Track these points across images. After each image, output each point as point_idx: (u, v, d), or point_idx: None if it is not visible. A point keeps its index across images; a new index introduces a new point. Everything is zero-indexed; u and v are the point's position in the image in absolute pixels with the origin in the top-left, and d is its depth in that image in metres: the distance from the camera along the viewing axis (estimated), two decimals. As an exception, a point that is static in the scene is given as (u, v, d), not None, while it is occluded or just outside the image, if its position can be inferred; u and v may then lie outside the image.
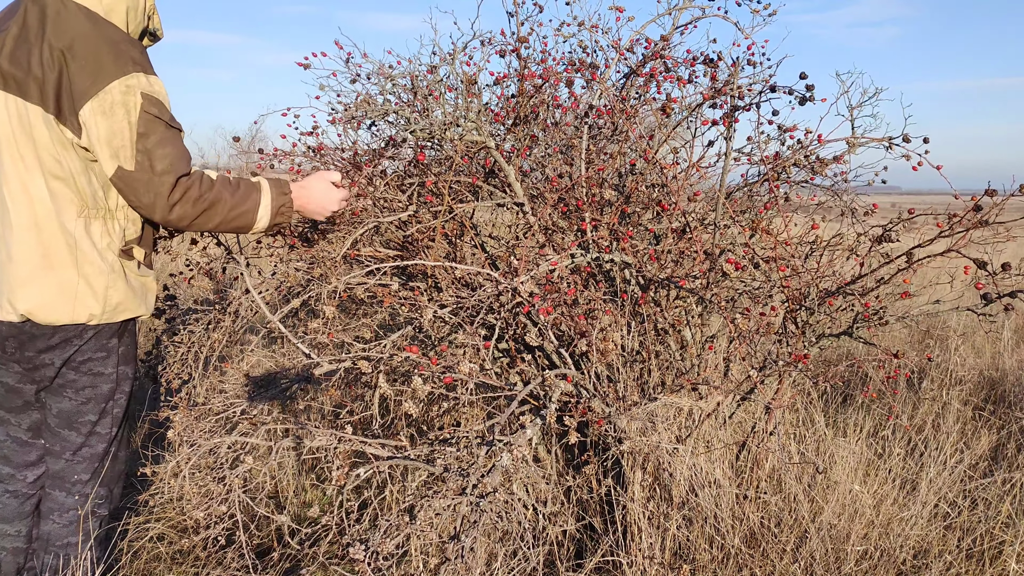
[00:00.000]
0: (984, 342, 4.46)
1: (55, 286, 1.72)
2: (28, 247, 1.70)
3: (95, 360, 1.84)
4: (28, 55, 1.66)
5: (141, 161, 1.68)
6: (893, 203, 3.83)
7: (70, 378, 1.83)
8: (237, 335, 2.76)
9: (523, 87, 2.50)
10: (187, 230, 1.93)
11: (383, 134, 2.65)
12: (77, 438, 1.87)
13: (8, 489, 1.92)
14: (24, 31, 1.68)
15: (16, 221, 1.70)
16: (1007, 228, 1.91)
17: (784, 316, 2.22)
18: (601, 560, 2.17)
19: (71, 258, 1.73)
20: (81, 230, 1.74)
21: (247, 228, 1.87)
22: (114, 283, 1.79)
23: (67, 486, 1.89)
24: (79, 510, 1.89)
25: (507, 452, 1.80)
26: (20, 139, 1.68)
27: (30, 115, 1.67)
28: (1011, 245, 2.20)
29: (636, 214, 2.52)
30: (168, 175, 1.70)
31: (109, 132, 1.66)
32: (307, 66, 2.45)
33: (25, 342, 1.77)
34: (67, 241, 1.72)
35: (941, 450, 2.58)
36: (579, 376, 2.15)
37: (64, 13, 1.68)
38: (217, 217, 1.79)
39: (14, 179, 1.69)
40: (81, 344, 1.80)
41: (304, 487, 2.83)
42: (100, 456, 1.91)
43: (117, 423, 1.93)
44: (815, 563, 2.07)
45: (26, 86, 1.66)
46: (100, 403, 1.87)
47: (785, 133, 2.45)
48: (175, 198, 1.72)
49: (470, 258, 2.50)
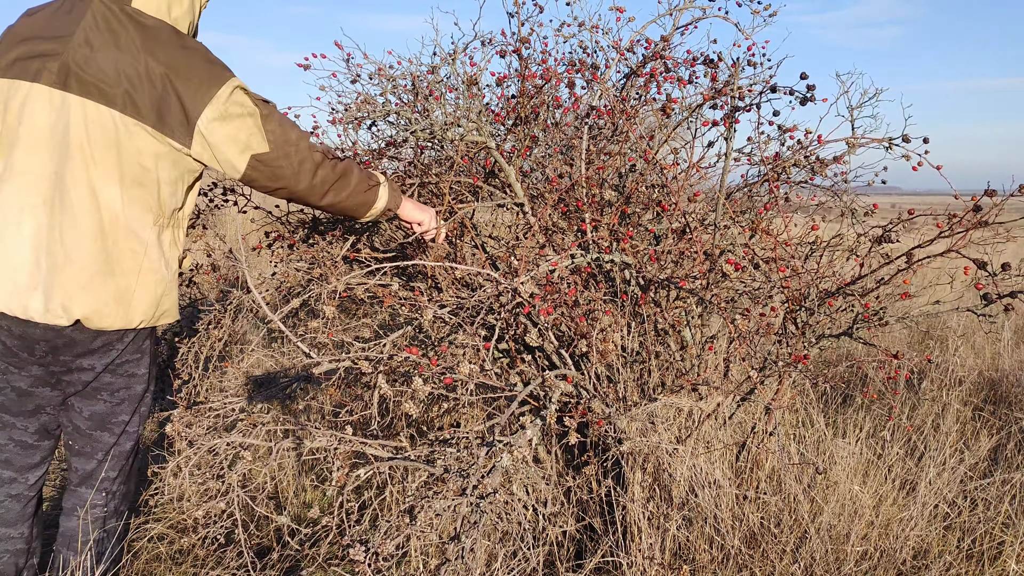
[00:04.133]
0: (984, 342, 4.46)
1: (113, 292, 1.72)
2: (90, 252, 1.68)
3: (131, 362, 1.85)
4: (116, 63, 1.65)
5: (273, 139, 1.77)
6: (893, 203, 3.83)
7: (106, 381, 1.83)
8: (237, 335, 2.76)
9: (524, 87, 2.50)
10: (315, 203, 1.94)
11: (383, 134, 2.65)
12: (110, 438, 1.89)
13: (11, 493, 1.90)
14: (110, 37, 1.67)
15: (81, 226, 1.67)
16: (1007, 228, 1.91)
17: (784, 317, 2.22)
18: (601, 560, 2.17)
19: (135, 265, 1.73)
20: (154, 238, 1.76)
21: (367, 206, 1.98)
22: (169, 291, 1.82)
23: (95, 483, 1.90)
24: (105, 507, 1.92)
25: (507, 453, 1.81)
26: (99, 146, 1.66)
27: (116, 123, 1.66)
28: (1011, 245, 2.20)
29: (636, 214, 2.52)
30: (303, 139, 1.81)
31: (232, 132, 1.73)
32: (307, 67, 2.45)
33: (60, 347, 1.74)
34: (134, 248, 1.73)
35: (941, 450, 2.58)
36: (579, 377, 2.15)
37: (152, 27, 1.71)
38: (349, 187, 1.90)
39: (83, 184, 1.67)
40: (123, 348, 1.81)
41: (304, 487, 2.83)
42: (128, 454, 1.95)
43: (143, 420, 1.97)
44: (815, 563, 2.07)
45: (112, 94, 1.65)
46: (133, 403, 1.90)
47: (785, 133, 2.45)
48: (318, 159, 1.82)
49: (470, 258, 2.51)
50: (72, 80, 1.65)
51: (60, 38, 1.67)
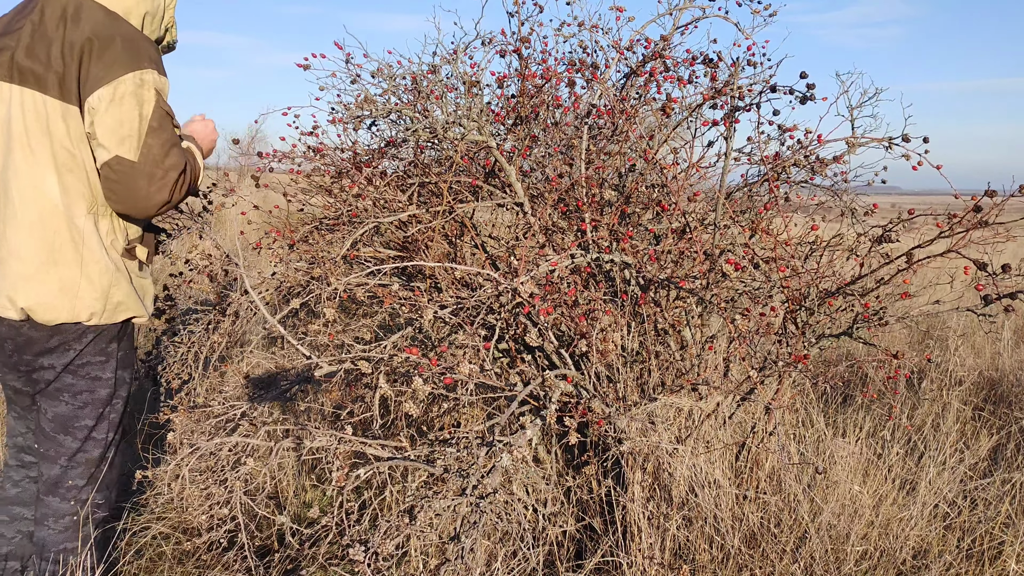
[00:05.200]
0: (984, 342, 4.46)
1: (57, 283, 1.72)
2: (33, 243, 1.70)
3: (94, 364, 1.83)
4: (48, 49, 1.67)
5: (146, 155, 1.71)
6: (893, 203, 3.83)
7: (68, 382, 1.81)
8: (237, 336, 2.76)
9: (524, 87, 2.50)
10: None
11: (383, 134, 2.65)
12: (73, 443, 1.85)
13: (30, 475, 1.97)
14: (42, 27, 1.69)
15: (22, 217, 1.70)
16: (1007, 228, 1.91)
17: (784, 316, 2.22)
18: (601, 560, 2.17)
19: (76, 255, 1.73)
20: (90, 226, 1.74)
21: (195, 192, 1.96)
22: (117, 282, 1.80)
23: (62, 491, 1.86)
24: (75, 516, 1.87)
25: (507, 453, 1.80)
26: (34, 134, 1.68)
27: (48, 109, 1.67)
28: (1011, 245, 2.20)
29: (636, 214, 2.52)
30: (174, 170, 1.75)
31: (117, 120, 1.68)
32: (307, 67, 2.44)
33: (23, 345, 1.76)
34: (73, 237, 1.72)
35: (941, 450, 2.58)
36: (579, 376, 2.15)
37: (83, 9, 1.70)
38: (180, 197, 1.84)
39: (24, 175, 1.69)
40: (81, 348, 1.79)
41: (304, 488, 2.83)
42: (96, 461, 1.89)
43: (114, 428, 1.91)
44: (815, 563, 2.07)
45: (45, 80, 1.67)
46: (98, 408, 1.86)
47: (785, 133, 2.45)
48: (171, 197, 1.76)
49: (470, 258, 2.50)
50: (15, 71, 1.69)
51: (13, 33, 1.71)
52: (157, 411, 2.56)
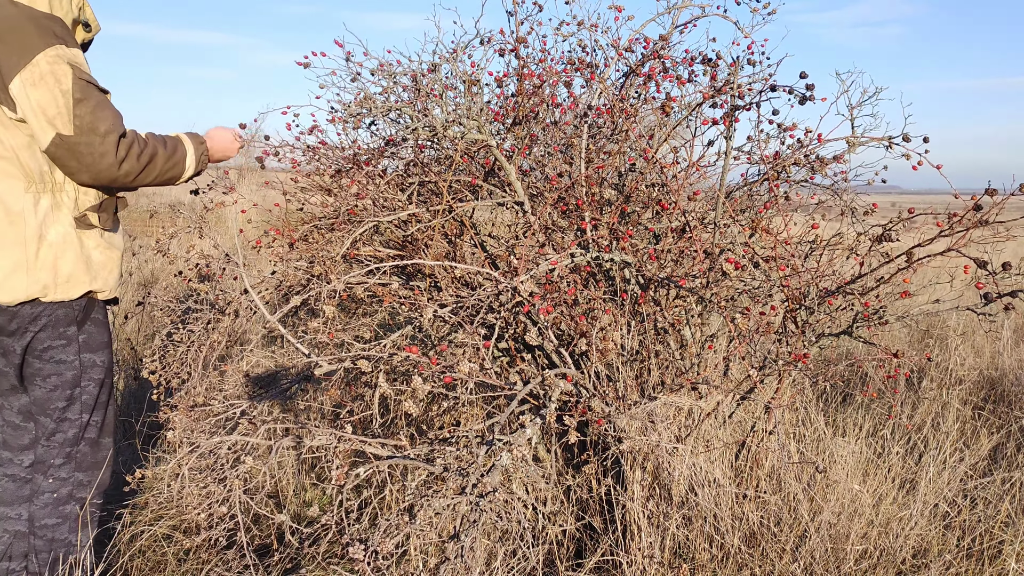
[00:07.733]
0: (984, 342, 4.46)
1: (10, 264, 1.79)
2: None
3: (55, 348, 1.90)
4: None
5: (80, 125, 1.76)
6: (893, 203, 3.83)
7: (36, 367, 1.90)
8: (236, 334, 2.76)
9: (522, 87, 2.50)
10: (127, 187, 1.97)
11: (383, 133, 2.65)
12: (50, 424, 1.94)
13: (6, 473, 2.00)
14: None
15: None
16: (1007, 228, 1.91)
17: (784, 315, 2.22)
18: (601, 559, 2.17)
19: (19, 236, 1.80)
20: (30, 205, 1.80)
21: (178, 178, 2.03)
22: (63, 253, 1.85)
23: (44, 470, 1.96)
24: (55, 493, 1.96)
25: (507, 451, 1.80)
26: None
27: None
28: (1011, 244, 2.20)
29: (636, 213, 2.52)
30: (112, 134, 1.80)
31: (41, 102, 1.73)
32: (307, 65, 2.44)
33: None
34: (12, 220, 1.79)
35: (941, 449, 2.58)
36: (579, 375, 2.15)
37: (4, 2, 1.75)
38: (156, 170, 1.92)
39: None
40: (36, 331, 1.86)
41: (304, 486, 2.83)
42: (72, 441, 1.97)
43: (88, 410, 1.98)
44: (815, 562, 2.07)
45: None
46: (66, 390, 1.94)
47: (785, 132, 2.45)
48: (121, 155, 1.82)
49: (470, 257, 2.50)
50: None
51: None
52: (156, 411, 2.56)
